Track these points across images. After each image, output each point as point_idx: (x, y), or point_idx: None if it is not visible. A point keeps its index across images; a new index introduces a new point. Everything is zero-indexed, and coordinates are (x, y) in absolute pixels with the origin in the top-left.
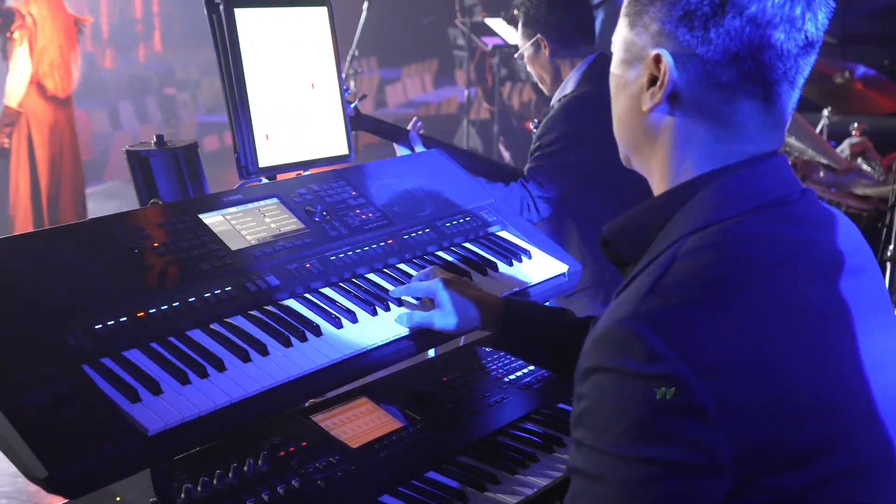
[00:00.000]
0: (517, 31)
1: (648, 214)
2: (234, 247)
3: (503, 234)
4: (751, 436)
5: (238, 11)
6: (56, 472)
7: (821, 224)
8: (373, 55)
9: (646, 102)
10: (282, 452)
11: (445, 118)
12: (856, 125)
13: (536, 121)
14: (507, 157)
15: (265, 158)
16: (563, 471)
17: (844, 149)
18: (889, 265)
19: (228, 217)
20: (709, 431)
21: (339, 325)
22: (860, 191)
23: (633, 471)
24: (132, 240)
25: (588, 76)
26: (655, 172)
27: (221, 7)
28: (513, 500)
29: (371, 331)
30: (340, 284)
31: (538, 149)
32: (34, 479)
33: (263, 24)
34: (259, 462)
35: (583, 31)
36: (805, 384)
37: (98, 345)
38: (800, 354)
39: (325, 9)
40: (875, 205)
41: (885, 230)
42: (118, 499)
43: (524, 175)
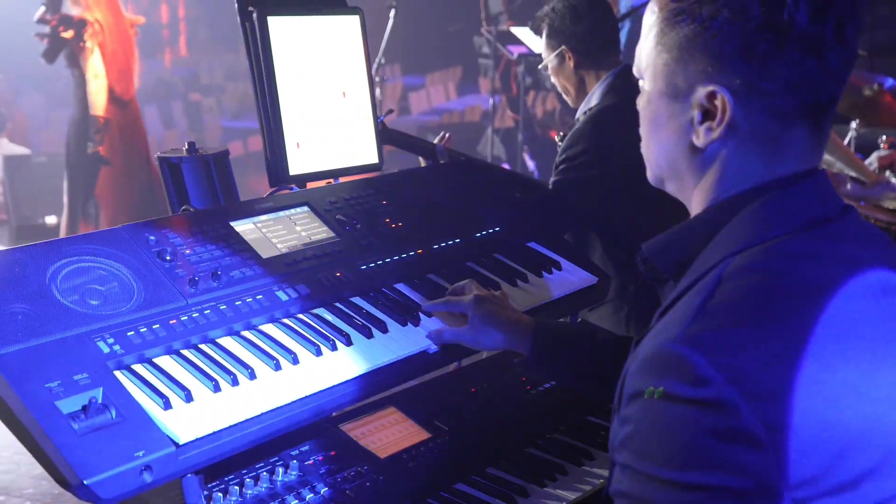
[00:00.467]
0: (542, 42)
1: (689, 232)
2: (265, 255)
3: (533, 246)
4: (801, 459)
5: (271, 19)
6: (88, 479)
7: (868, 243)
8: (396, 62)
9: (700, 137)
10: (310, 461)
11: (468, 126)
12: (884, 138)
13: (561, 133)
14: (532, 167)
15: (296, 166)
16: (593, 484)
17: (873, 161)
18: None
19: (259, 225)
20: (758, 456)
21: (370, 336)
22: (889, 204)
23: (681, 496)
24: (164, 246)
25: (613, 88)
26: (697, 196)
27: (255, 15)
28: None
29: (400, 343)
30: (370, 294)
31: (563, 161)
32: (65, 485)
33: (296, 32)
34: (288, 469)
35: (608, 43)
36: (854, 407)
37: (130, 351)
38: (849, 377)
39: (358, 17)
40: None
41: None
42: None
43: (550, 188)
